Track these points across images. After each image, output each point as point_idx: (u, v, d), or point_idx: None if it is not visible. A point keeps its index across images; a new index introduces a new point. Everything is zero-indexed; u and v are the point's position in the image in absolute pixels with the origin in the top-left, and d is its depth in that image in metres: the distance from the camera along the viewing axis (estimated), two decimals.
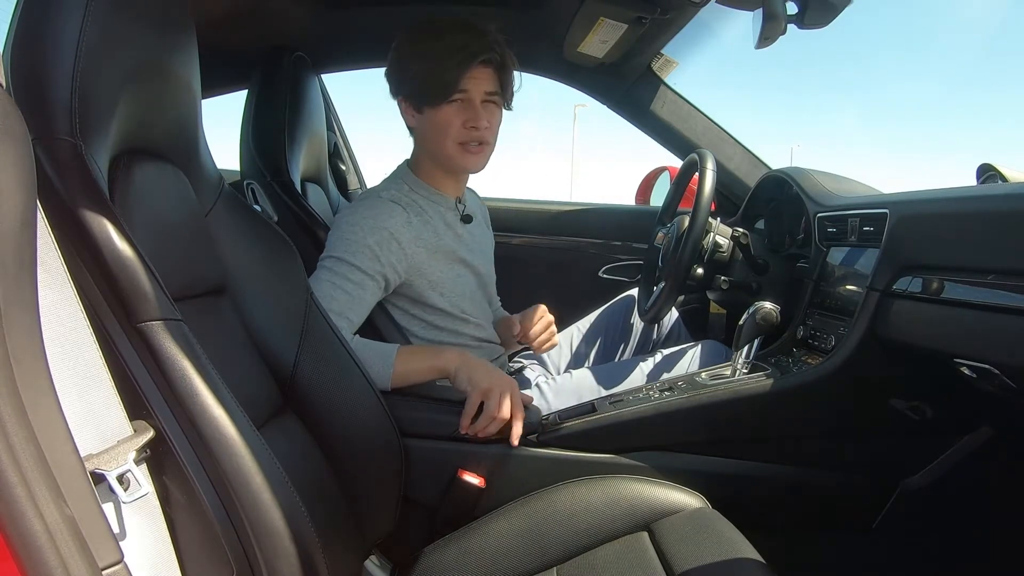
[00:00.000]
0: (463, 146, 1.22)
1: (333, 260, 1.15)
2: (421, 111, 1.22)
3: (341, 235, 1.17)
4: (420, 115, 1.23)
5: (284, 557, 0.66)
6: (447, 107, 1.19)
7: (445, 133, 1.20)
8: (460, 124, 1.20)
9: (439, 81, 1.17)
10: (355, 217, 1.18)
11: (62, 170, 0.61)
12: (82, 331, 0.57)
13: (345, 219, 1.19)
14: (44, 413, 0.47)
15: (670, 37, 1.45)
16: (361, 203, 1.22)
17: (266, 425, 0.81)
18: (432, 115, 1.20)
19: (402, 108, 1.25)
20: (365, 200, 1.23)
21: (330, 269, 1.14)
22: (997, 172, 1.20)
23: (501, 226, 1.85)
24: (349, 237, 1.16)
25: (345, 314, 1.12)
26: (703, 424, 1.11)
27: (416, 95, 1.22)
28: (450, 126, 1.20)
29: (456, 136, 1.21)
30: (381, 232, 1.16)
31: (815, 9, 0.93)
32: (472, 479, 1.06)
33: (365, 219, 1.17)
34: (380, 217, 1.18)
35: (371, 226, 1.16)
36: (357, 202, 1.24)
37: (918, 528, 1.17)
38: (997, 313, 0.80)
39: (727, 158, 1.69)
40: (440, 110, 1.19)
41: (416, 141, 1.29)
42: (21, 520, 0.42)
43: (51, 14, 0.63)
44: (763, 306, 1.20)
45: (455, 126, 1.20)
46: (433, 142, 1.23)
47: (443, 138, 1.21)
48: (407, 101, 1.24)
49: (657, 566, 0.86)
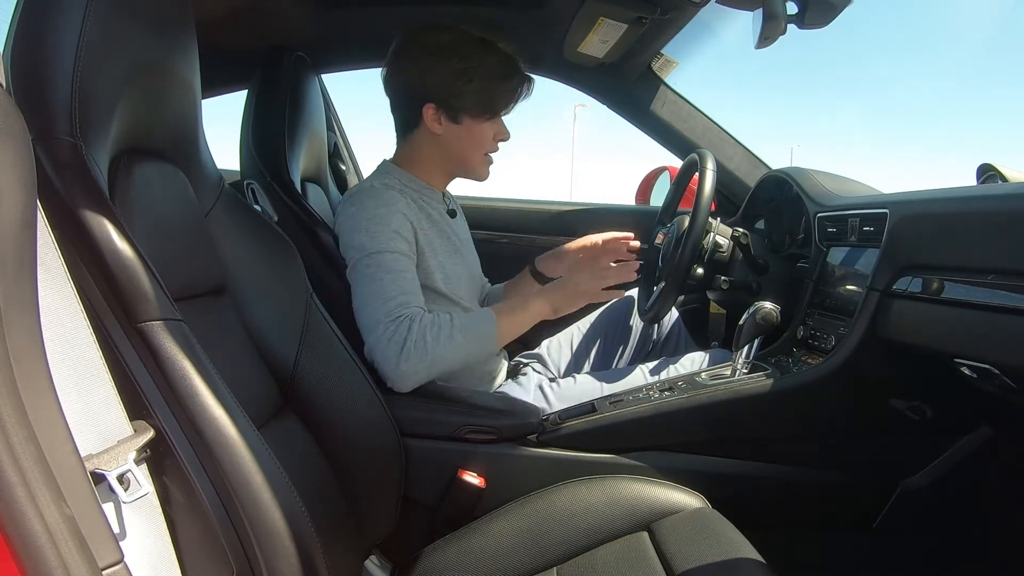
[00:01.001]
0: (487, 157, 1.29)
1: (369, 257, 1.14)
2: (459, 121, 1.24)
3: (363, 231, 1.16)
4: (456, 125, 1.24)
5: (284, 557, 0.66)
6: (490, 122, 1.25)
7: (480, 145, 1.27)
8: (491, 137, 1.27)
9: (498, 99, 1.24)
10: (366, 211, 1.18)
11: (62, 170, 0.61)
12: (82, 331, 0.57)
13: (356, 215, 1.18)
14: (44, 413, 0.47)
15: (670, 37, 1.45)
16: (361, 197, 1.21)
17: (266, 425, 0.81)
18: (472, 126, 1.25)
19: (429, 114, 1.23)
20: (363, 193, 1.22)
21: (370, 266, 1.13)
22: (997, 172, 1.20)
23: (501, 226, 1.85)
24: (372, 229, 1.16)
25: (409, 302, 1.11)
26: (703, 424, 1.11)
27: (467, 107, 1.23)
28: (485, 139, 1.26)
29: (487, 148, 1.28)
30: (396, 215, 1.18)
31: (815, 9, 0.93)
32: (472, 479, 1.06)
33: (377, 208, 1.18)
34: (390, 203, 1.19)
35: (386, 212, 1.17)
36: (355, 198, 1.22)
37: (918, 528, 1.17)
38: (997, 313, 0.80)
39: (727, 158, 1.69)
40: (482, 124, 1.25)
41: (426, 146, 1.28)
42: (21, 520, 0.42)
43: (51, 14, 0.63)
44: (763, 306, 1.20)
45: (488, 139, 1.27)
46: (464, 150, 1.27)
47: (476, 149, 1.27)
48: (442, 108, 1.23)
49: (657, 566, 0.86)
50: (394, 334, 1.07)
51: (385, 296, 1.10)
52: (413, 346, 1.07)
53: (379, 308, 1.09)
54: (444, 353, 1.09)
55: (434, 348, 1.08)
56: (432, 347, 1.08)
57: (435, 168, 1.30)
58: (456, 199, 1.47)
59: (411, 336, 1.07)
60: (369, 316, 1.10)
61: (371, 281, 1.12)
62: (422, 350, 1.07)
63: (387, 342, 1.07)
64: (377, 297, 1.10)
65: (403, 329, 1.07)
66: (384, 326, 1.08)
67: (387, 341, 1.07)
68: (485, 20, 1.46)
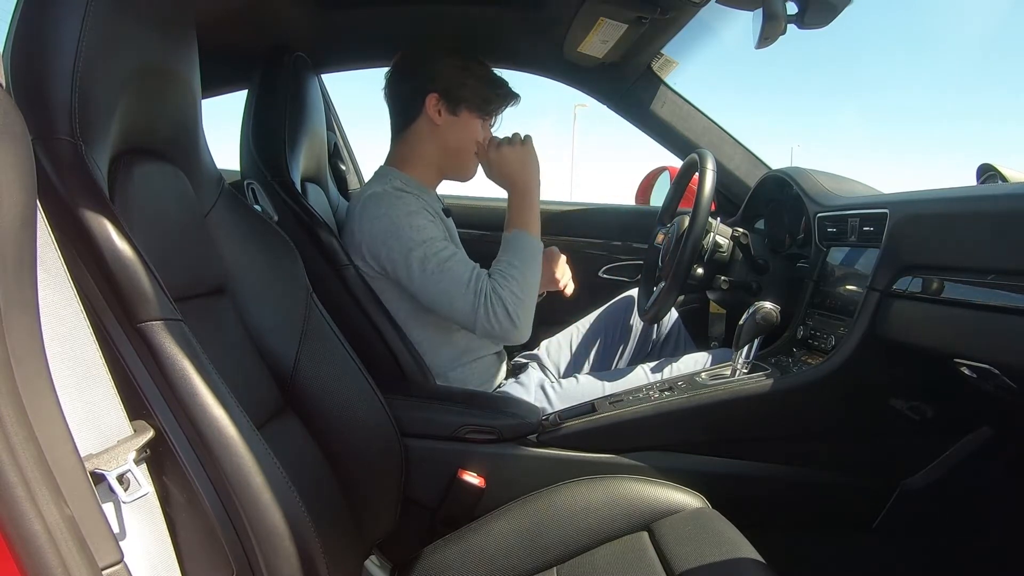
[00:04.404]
0: (475, 156, 1.34)
1: (420, 251, 1.19)
2: (458, 113, 1.31)
3: (406, 227, 1.20)
4: (453, 116, 1.31)
5: (284, 557, 0.66)
6: (481, 121, 1.33)
7: (471, 140, 1.32)
8: (481, 138, 1.33)
9: (488, 98, 1.33)
10: (396, 210, 1.21)
11: (62, 170, 0.61)
12: (82, 331, 0.57)
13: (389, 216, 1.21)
14: (44, 413, 0.47)
15: (670, 37, 1.45)
16: (383, 202, 1.23)
17: (266, 425, 0.81)
18: (469, 121, 1.32)
19: (431, 103, 1.30)
20: (382, 198, 1.23)
21: (430, 260, 1.18)
22: (997, 172, 1.20)
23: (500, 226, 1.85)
24: (415, 223, 1.20)
25: (481, 275, 1.19)
26: (703, 424, 1.11)
27: (464, 98, 1.31)
28: (476, 134, 1.33)
29: (475, 146, 1.33)
30: (420, 212, 1.23)
31: (815, 9, 0.93)
32: (472, 479, 1.06)
33: (401, 207, 1.22)
34: (408, 203, 1.23)
35: (409, 211, 1.22)
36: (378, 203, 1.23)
37: (918, 528, 1.17)
38: (997, 313, 0.80)
39: (727, 158, 1.69)
40: (475, 119, 1.32)
41: (421, 140, 1.33)
42: (21, 520, 0.42)
43: (51, 14, 0.63)
44: (763, 306, 1.20)
45: (479, 137, 1.33)
46: (460, 143, 1.33)
47: (468, 144, 1.33)
48: (444, 99, 1.30)
49: (657, 566, 0.86)
50: (496, 309, 1.17)
51: (461, 281, 1.18)
52: (513, 306, 1.17)
53: (466, 295, 1.17)
54: (528, 289, 1.21)
55: (522, 293, 1.19)
56: (521, 294, 1.19)
57: (430, 165, 1.34)
58: (456, 199, 1.48)
59: (506, 303, 1.17)
60: (462, 308, 1.18)
61: (443, 274, 1.18)
62: (519, 304, 1.18)
63: (495, 318, 1.17)
64: (457, 286, 1.18)
65: (497, 302, 1.17)
66: (482, 310, 1.17)
67: (495, 318, 1.17)
68: (485, 20, 1.46)
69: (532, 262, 1.23)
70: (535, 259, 1.24)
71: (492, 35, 1.50)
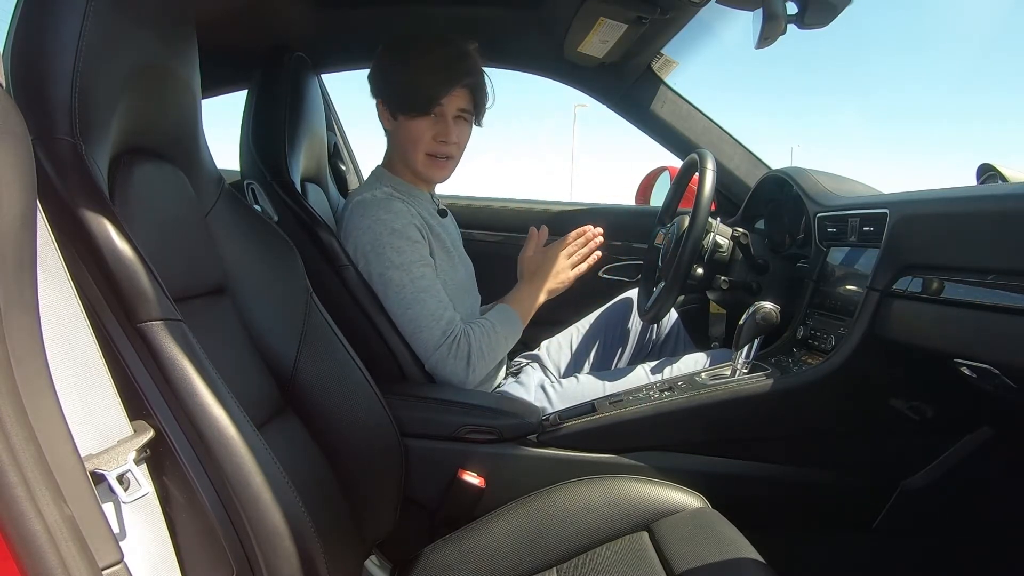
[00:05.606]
0: (430, 157, 1.30)
1: (402, 272, 1.19)
2: (396, 118, 1.29)
3: (387, 246, 1.20)
4: (395, 121, 1.30)
5: (284, 557, 0.66)
6: (422, 120, 1.26)
7: (416, 144, 1.28)
8: (431, 137, 1.28)
9: (418, 95, 1.24)
10: (383, 224, 1.21)
11: (62, 170, 0.61)
12: (82, 331, 0.57)
13: (374, 229, 1.20)
14: (44, 413, 0.47)
15: (670, 37, 1.45)
16: (371, 210, 1.23)
17: (266, 425, 0.81)
18: (407, 124, 1.28)
19: (379, 110, 1.32)
20: (371, 205, 1.24)
21: (405, 285, 1.19)
22: (997, 172, 1.20)
23: (501, 226, 1.85)
24: (396, 244, 1.20)
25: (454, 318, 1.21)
26: (703, 424, 1.11)
27: (394, 103, 1.28)
28: (421, 138, 1.27)
29: (426, 148, 1.28)
30: (411, 226, 1.22)
31: (815, 9, 0.93)
32: (472, 479, 1.06)
33: (391, 217, 1.21)
34: (398, 212, 1.22)
35: (400, 222, 1.21)
36: (365, 211, 1.23)
37: (918, 528, 1.17)
38: (997, 313, 0.80)
39: (727, 158, 1.69)
40: (414, 121, 1.27)
41: (389, 143, 1.35)
42: (21, 520, 0.42)
43: (51, 14, 0.63)
44: (763, 306, 1.19)
45: (426, 139, 1.27)
46: (404, 149, 1.31)
47: (414, 148, 1.29)
48: (385, 105, 1.31)
49: (657, 566, 0.86)
50: (456, 352, 1.20)
51: (433, 316, 1.19)
52: (476, 357, 1.21)
53: (433, 329, 1.19)
54: (496, 352, 1.26)
55: (489, 352, 1.23)
56: (488, 352, 1.23)
57: (404, 168, 1.34)
58: (457, 200, 1.48)
59: (472, 351, 1.20)
60: (425, 339, 1.20)
61: (414, 302, 1.19)
62: (481, 358, 1.22)
63: (453, 360, 1.20)
64: (427, 318, 1.19)
65: (463, 346, 1.20)
66: (445, 347, 1.20)
67: (453, 360, 1.20)
68: (485, 20, 1.46)
69: (510, 337, 1.29)
70: (513, 337, 1.30)
71: (492, 35, 1.50)
